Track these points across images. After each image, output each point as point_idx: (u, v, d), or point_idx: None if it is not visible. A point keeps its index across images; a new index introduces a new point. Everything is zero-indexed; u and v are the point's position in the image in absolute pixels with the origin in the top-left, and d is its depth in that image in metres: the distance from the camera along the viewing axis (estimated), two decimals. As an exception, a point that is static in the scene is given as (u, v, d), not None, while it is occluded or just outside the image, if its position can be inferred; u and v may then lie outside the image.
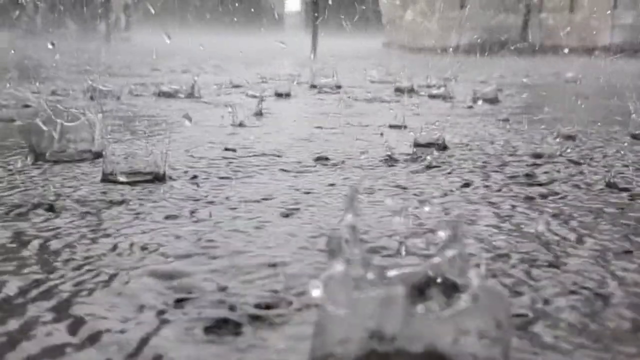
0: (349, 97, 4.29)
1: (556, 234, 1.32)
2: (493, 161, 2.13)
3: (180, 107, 3.60)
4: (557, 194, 1.69)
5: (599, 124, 3.07)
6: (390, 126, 2.88)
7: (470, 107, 3.84)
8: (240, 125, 2.86)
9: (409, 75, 5.18)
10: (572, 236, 1.31)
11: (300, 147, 2.36)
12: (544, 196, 1.66)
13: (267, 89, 4.52)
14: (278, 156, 2.15)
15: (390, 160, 2.08)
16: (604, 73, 7.14)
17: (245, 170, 1.92)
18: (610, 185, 1.77)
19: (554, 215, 1.47)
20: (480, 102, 3.97)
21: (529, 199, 1.63)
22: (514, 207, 1.54)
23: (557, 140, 2.44)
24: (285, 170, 1.92)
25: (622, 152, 2.34)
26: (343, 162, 2.07)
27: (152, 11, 18.06)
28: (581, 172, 1.97)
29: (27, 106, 3.26)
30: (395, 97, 4.42)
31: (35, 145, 2.01)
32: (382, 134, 2.61)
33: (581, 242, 1.27)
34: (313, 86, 5.09)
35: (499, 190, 1.71)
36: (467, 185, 1.77)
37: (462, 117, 3.33)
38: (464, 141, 2.51)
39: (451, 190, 1.70)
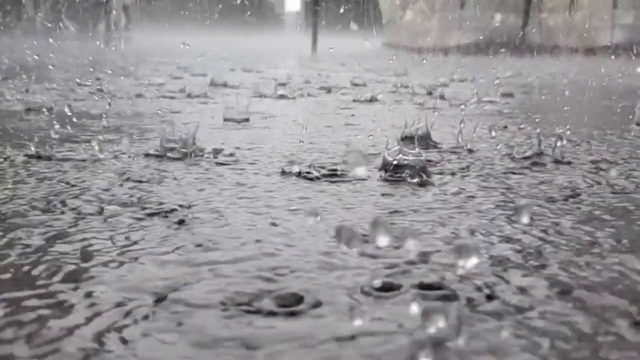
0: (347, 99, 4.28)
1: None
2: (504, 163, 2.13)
3: (177, 108, 3.60)
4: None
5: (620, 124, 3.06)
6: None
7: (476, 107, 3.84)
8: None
9: (411, 75, 5.18)
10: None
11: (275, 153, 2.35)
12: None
13: (266, 90, 4.53)
14: (252, 164, 2.12)
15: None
16: (605, 73, 7.14)
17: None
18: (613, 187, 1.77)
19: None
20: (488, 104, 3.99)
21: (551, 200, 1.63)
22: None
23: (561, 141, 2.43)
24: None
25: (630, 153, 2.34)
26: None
27: (152, 11, 18.04)
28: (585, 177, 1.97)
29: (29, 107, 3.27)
30: (397, 98, 4.42)
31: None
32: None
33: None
34: (311, 86, 5.10)
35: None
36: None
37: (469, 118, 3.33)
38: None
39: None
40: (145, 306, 0.94)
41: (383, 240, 0.88)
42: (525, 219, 1.35)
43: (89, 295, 0.97)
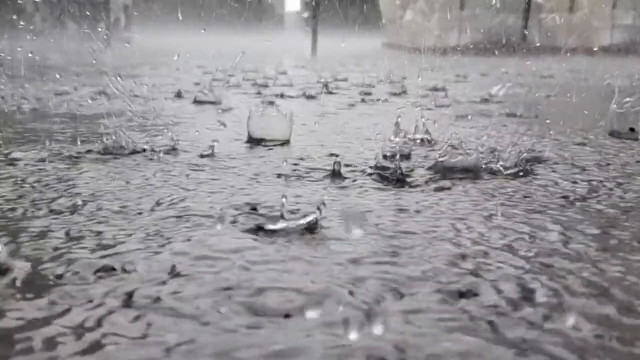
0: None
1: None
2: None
3: (177, 108, 3.60)
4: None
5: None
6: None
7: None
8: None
9: (411, 76, 5.18)
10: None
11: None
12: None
13: (266, 90, 4.53)
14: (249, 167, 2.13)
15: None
16: (604, 74, 7.13)
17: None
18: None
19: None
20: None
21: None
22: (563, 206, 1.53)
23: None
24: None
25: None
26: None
27: (153, 11, 18.06)
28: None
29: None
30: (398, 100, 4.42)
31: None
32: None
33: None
34: (311, 87, 5.10)
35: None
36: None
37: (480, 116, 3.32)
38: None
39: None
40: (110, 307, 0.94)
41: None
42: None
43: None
